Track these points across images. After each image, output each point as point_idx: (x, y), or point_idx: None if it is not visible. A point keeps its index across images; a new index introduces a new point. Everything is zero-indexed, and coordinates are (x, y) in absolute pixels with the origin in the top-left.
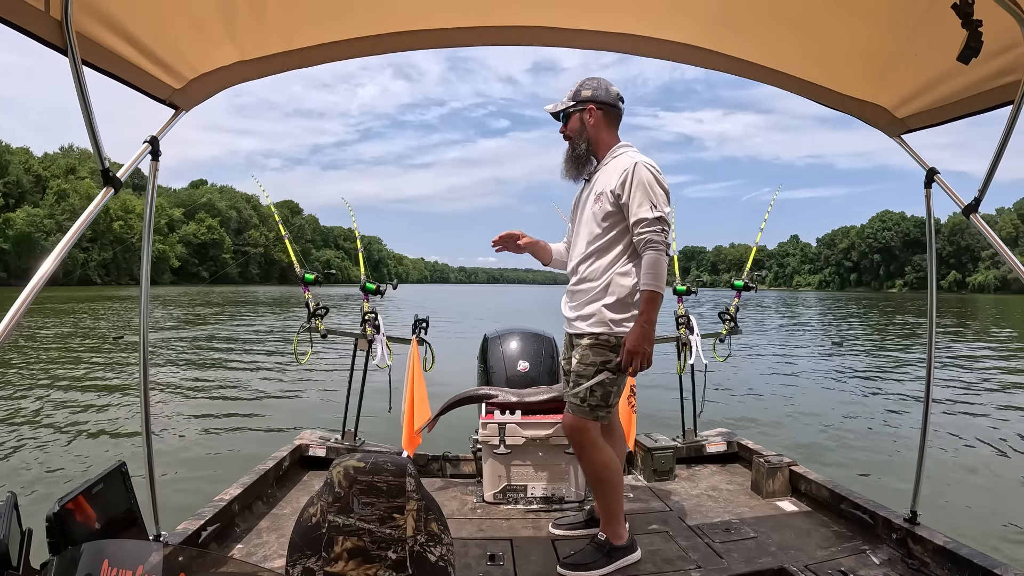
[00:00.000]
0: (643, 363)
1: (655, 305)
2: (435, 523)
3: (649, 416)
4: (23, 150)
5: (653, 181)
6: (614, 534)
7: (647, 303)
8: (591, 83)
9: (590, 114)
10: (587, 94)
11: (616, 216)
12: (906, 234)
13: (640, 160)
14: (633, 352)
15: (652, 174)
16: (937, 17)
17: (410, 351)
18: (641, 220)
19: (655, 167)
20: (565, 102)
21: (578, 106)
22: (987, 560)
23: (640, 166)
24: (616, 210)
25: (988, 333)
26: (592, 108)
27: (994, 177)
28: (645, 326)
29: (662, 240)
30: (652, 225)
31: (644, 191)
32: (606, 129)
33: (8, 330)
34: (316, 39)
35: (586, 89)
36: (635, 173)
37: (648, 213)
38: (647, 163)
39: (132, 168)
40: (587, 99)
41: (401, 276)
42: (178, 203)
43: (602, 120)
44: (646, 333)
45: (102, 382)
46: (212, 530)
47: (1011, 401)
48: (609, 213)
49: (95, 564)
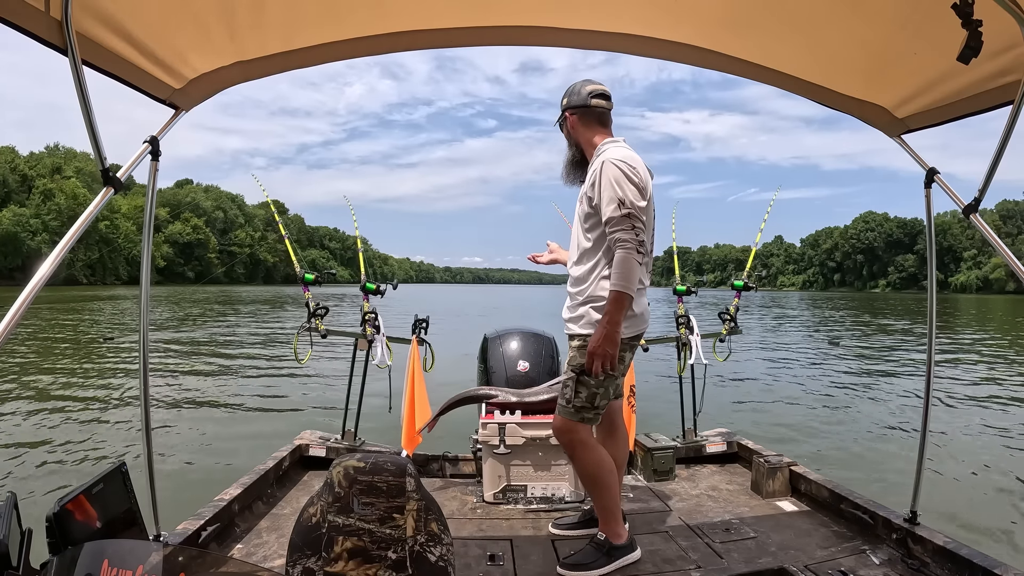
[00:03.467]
0: (605, 364)
1: (620, 306)
2: (435, 523)
3: (649, 416)
4: (9, 149)
5: (621, 177)
6: (613, 533)
7: (612, 303)
8: (568, 89)
9: (568, 121)
10: (564, 102)
11: (595, 218)
12: (889, 235)
13: (609, 157)
14: (594, 353)
15: (620, 170)
16: (937, 17)
17: (410, 351)
18: (609, 219)
19: (626, 162)
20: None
21: (561, 116)
22: (987, 560)
23: (607, 164)
24: (593, 211)
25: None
26: (567, 115)
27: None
28: (607, 327)
29: (631, 238)
30: (620, 224)
31: (611, 189)
32: (586, 130)
33: (8, 331)
34: (316, 39)
35: (564, 97)
36: (602, 172)
37: (615, 212)
38: (616, 159)
39: (133, 168)
40: (564, 107)
41: (387, 276)
42: (163, 202)
43: (579, 123)
44: (608, 334)
45: (102, 382)
46: (212, 530)
47: (1011, 400)
48: (588, 215)
49: (95, 564)
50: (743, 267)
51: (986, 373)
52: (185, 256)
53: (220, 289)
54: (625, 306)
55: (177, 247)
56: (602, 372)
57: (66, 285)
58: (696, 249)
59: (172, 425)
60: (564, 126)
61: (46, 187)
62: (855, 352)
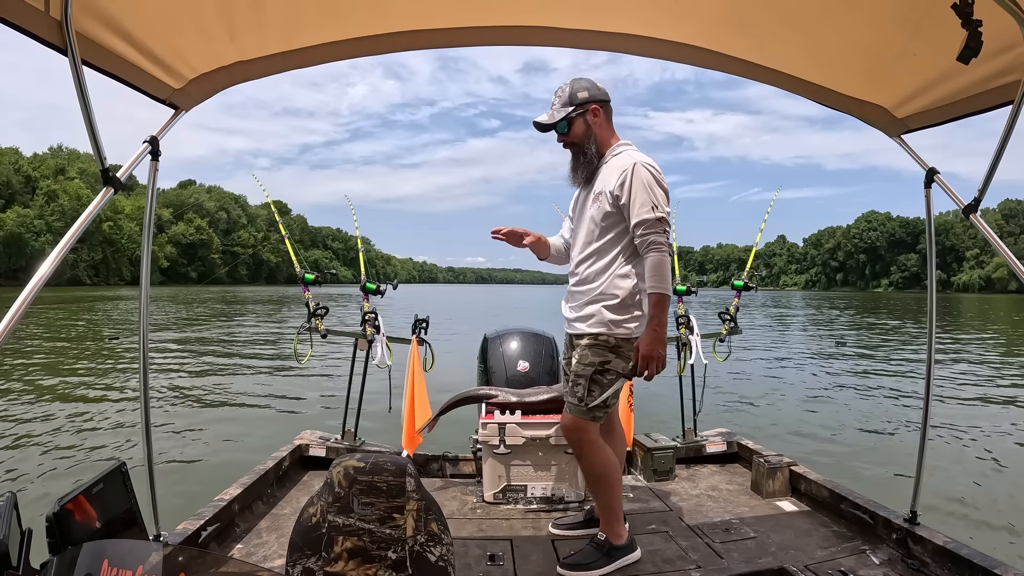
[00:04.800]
0: (659, 367)
1: (664, 307)
2: (435, 523)
3: (649, 416)
4: (12, 150)
5: (653, 181)
6: (614, 534)
7: (656, 306)
8: (583, 83)
9: (594, 114)
10: (584, 95)
11: (615, 217)
12: (891, 234)
13: (639, 160)
14: (648, 357)
15: (652, 174)
16: (937, 17)
17: (410, 351)
18: (642, 222)
19: (655, 167)
20: (561, 109)
21: (579, 109)
22: (987, 560)
23: (639, 166)
24: (615, 211)
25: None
26: (596, 108)
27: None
28: (657, 329)
29: (664, 241)
30: (654, 227)
31: (644, 192)
32: (608, 127)
33: (8, 331)
34: (316, 39)
35: (581, 91)
36: (634, 173)
37: (649, 214)
38: (646, 163)
39: (132, 168)
40: (587, 100)
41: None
42: (166, 203)
43: (604, 118)
44: (659, 336)
45: (102, 382)
46: (212, 530)
47: (1011, 401)
48: (608, 214)
49: (95, 564)
50: (745, 266)
51: (987, 373)
52: (188, 256)
53: (223, 289)
54: (667, 307)
55: (180, 247)
56: (656, 374)
57: (70, 285)
58: (699, 249)
59: (172, 425)
60: (582, 120)
61: (50, 188)
62: (856, 351)
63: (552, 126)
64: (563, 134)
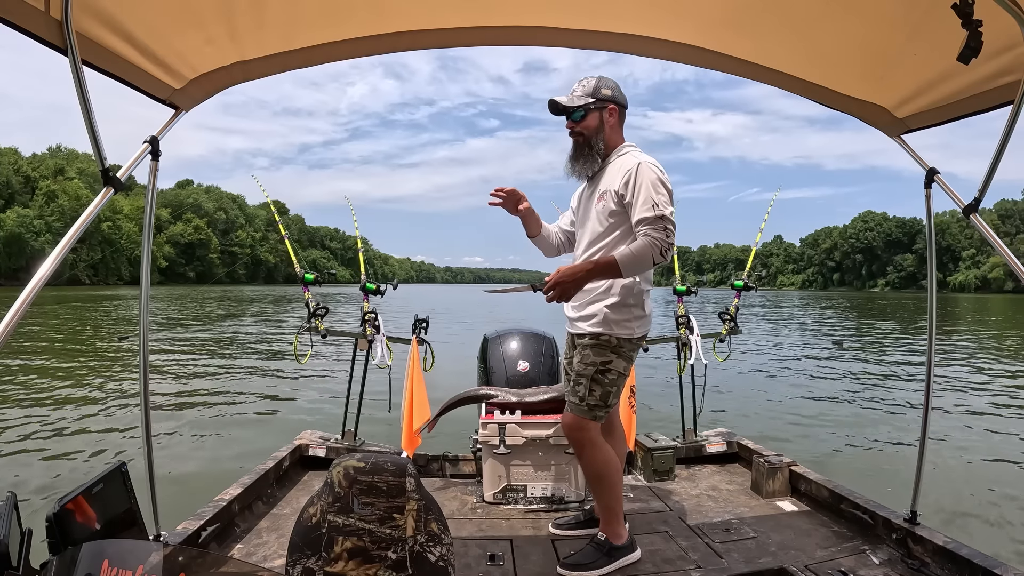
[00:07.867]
0: (562, 296)
1: (607, 274)
2: (435, 523)
3: (649, 416)
4: (11, 150)
5: (656, 181)
6: (614, 534)
7: (606, 266)
8: (609, 83)
9: (611, 114)
10: (607, 93)
11: (619, 216)
12: (888, 235)
13: (644, 160)
14: (560, 282)
15: (656, 174)
16: (937, 17)
17: (410, 351)
18: (643, 220)
19: (659, 167)
20: (581, 97)
21: (598, 104)
22: (987, 560)
23: (644, 166)
24: (619, 209)
25: (982, 331)
26: (614, 108)
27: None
28: (586, 272)
29: (662, 238)
30: (654, 224)
31: (647, 191)
32: (618, 131)
33: (8, 331)
34: (316, 39)
35: (606, 88)
36: (639, 173)
37: (649, 212)
38: (651, 163)
39: (132, 168)
40: (608, 98)
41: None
42: (165, 203)
43: (618, 122)
44: (581, 280)
45: (102, 382)
46: (212, 530)
47: (1011, 400)
48: (612, 212)
49: (95, 564)
50: (743, 266)
51: (986, 373)
52: (187, 256)
53: (222, 289)
54: (614, 275)
55: (179, 247)
56: (554, 301)
57: (69, 285)
58: (696, 249)
59: (172, 425)
60: (598, 115)
61: (49, 188)
62: (855, 352)
63: (568, 110)
64: (575, 121)
